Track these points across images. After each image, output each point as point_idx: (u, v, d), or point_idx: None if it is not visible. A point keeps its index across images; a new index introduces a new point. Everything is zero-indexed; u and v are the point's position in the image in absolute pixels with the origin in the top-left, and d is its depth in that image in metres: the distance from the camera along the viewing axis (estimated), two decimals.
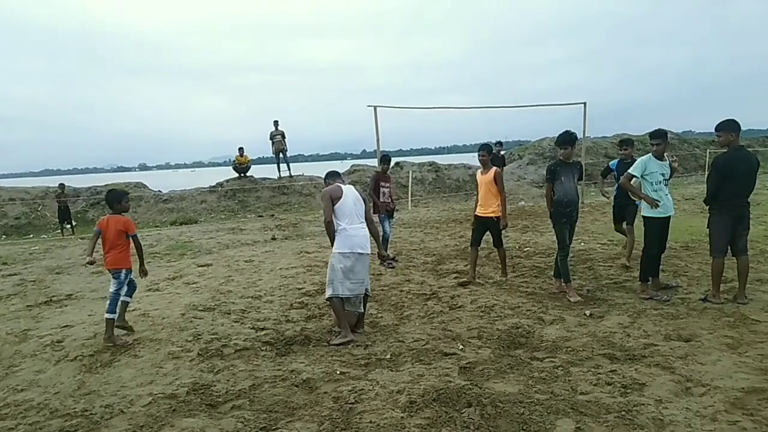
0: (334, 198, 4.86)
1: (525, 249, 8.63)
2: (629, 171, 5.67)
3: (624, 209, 6.96)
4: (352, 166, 21.26)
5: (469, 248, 6.83)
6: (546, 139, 22.96)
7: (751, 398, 3.30)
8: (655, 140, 5.62)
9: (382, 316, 5.55)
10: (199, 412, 3.55)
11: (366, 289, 5.03)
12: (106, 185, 17.76)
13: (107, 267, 5.07)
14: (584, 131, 14.56)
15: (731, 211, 5.16)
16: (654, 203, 5.48)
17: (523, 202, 15.80)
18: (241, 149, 18.56)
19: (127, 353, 4.71)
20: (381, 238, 8.04)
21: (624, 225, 7.09)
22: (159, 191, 18.62)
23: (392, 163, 13.07)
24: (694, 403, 3.30)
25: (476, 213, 6.68)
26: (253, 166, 19.28)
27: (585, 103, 13.93)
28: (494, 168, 6.52)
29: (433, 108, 19.54)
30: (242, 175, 18.60)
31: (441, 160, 23.48)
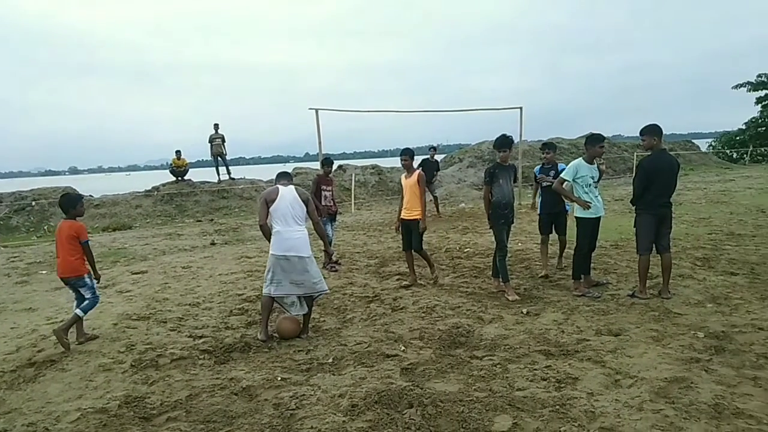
0: (269, 200, 4.89)
1: (465, 250, 8.80)
2: (562, 176, 5.89)
3: (554, 218, 6.76)
4: (294, 168, 21.02)
5: (404, 252, 6.86)
6: (485, 143, 23.51)
7: (673, 387, 3.50)
8: (598, 144, 5.85)
9: (324, 320, 5.52)
10: (132, 426, 3.41)
11: (319, 291, 5.01)
12: (31, 190, 16.79)
13: (62, 275, 4.92)
14: (521, 135, 15.01)
15: (655, 211, 5.47)
16: (586, 205, 5.72)
17: (463, 204, 16.12)
18: (178, 152, 17.99)
19: (54, 367, 4.46)
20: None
21: (557, 236, 6.90)
22: (90, 196, 17.76)
23: (335, 166, 13.03)
24: (622, 394, 3.47)
25: (402, 217, 6.69)
26: (191, 170, 18.71)
27: (521, 108, 14.37)
28: (417, 171, 6.59)
29: (374, 111, 19.64)
30: (180, 178, 18.03)
31: (384, 162, 23.61)
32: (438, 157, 14.60)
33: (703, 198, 13.99)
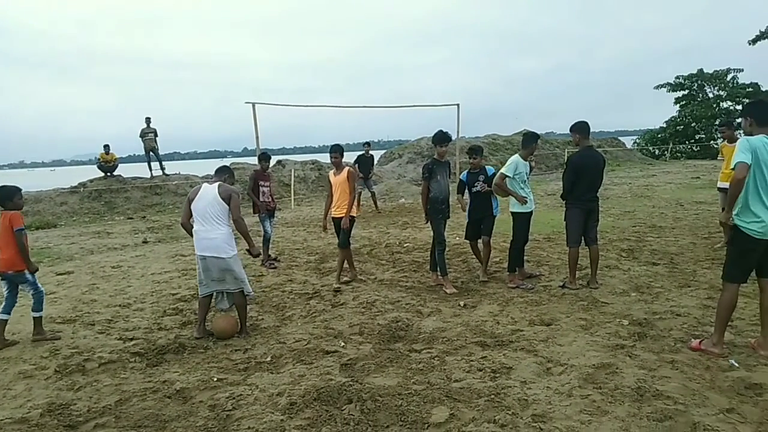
0: (191, 199, 4.85)
1: (405, 245, 8.89)
2: (503, 171, 6.00)
3: (481, 222, 6.36)
4: (231, 164, 20.49)
5: (339, 250, 6.67)
6: (424, 139, 23.79)
7: (600, 373, 3.68)
8: (533, 142, 6.12)
9: (263, 318, 5.43)
10: None
11: (245, 292, 4.93)
12: None
13: (1, 270, 4.70)
14: (458, 131, 15.33)
15: (583, 205, 5.72)
16: (524, 200, 5.91)
17: (403, 200, 16.25)
18: (106, 146, 17.13)
19: None
20: (263, 239, 7.89)
21: (480, 240, 6.53)
22: None
23: (273, 161, 12.81)
24: (553, 381, 3.61)
25: (334, 215, 6.62)
26: (122, 165, 17.87)
27: (458, 105, 14.67)
28: (347, 168, 6.53)
29: (313, 106, 19.50)
30: (108, 174, 17.18)
31: (324, 158, 23.42)
32: (374, 153, 14.63)
33: (628, 192, 14.74)
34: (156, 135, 16.82)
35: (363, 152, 13.35)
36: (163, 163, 17.96)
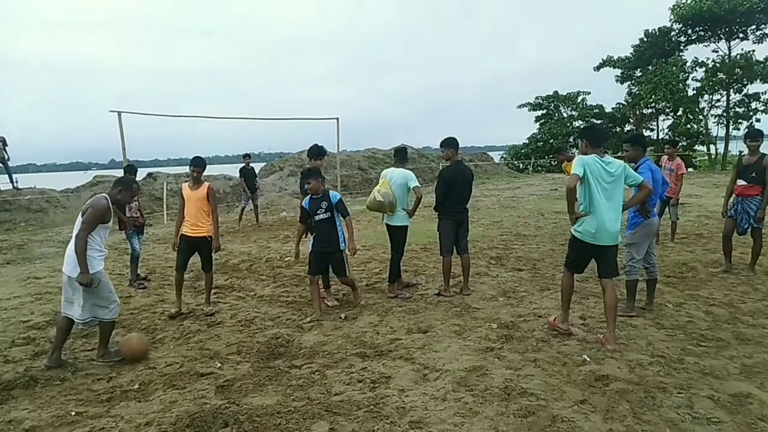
0: None
1: (286, 259, 8.76)
2: (417, 185, 6.10)
3: (327, 257, 5.72)
4: (95, 177, 18.91)
5: (175, 273, 6.01)
6: (305, 152, 23.74)
7: (472, 376, 3.89)
8: (404, 155, 6.39)
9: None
10: None
11: (97, 318, 4.49)
12: None
13: None
14: (338, 145, 15.47)
15: (454, 216, 6.04)
16: (413, 213, 6.15)
17: (284, 213, 16.02)
18: None
19: None
20: (131, 257, 7.35)
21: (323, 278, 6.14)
22: None
23: (143, 174, 12.02)
24: (429, 387, 3.75)
25: (183, 233, 5.92)
26: None
27: (338, 119, 14.82)
28: (206, 183, 6.02)
29: (188, 116, 18.53)
30: None
31: None
32: (254, 166, 14.29)
33: (496, 203, 15.80)
34: (5, 144, 15.06)
35: (244, 165, 13.00)
36: (14, 176, 16.10)
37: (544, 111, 37.17)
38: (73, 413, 3.56)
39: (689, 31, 28.79)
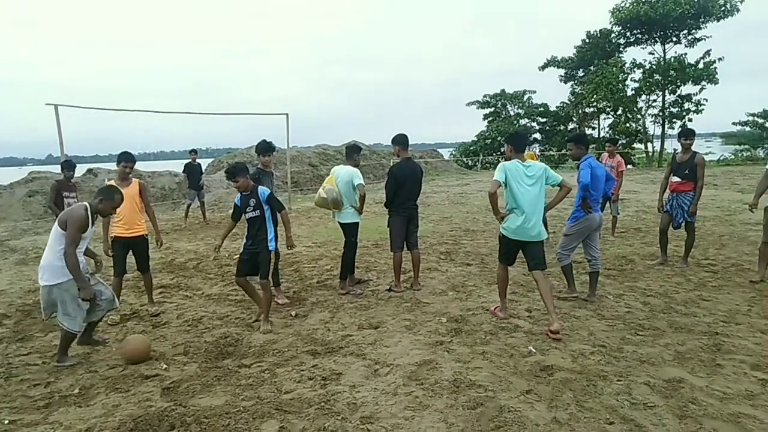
0: None
1: (234, 257, 8.58)
2: (360, 181, 6.01)
3: (254, 257, 5.25)
4: (30, 173, 17.93)
5: (114, 279, 5.72)
6: (254, 147, 23.33)
7: (422, 370, 3.94)
8: (356, 153, 6.31)
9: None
10: None
11: (61, 323, 4.33)
12: None
13: None
14: (288, 141, 15.24)
15: (404, 213, 6.09)
16: (361, 210, 6.11)
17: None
18: None
19: None
20: None
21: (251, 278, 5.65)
22: None
23: (83, 170, 11.50)
24: (380, 382, 3.77)
25: (118, 234, 5.70)
26: None
27: (287, 114, 14.58)
28: (137, 180, 5.89)
29: (131, 110, 17.70)
30: None
31: (145, 167, 21.67)
32: (201, 162, 13.92)
33: (446, 200, 16.02)
34: None
35: (189, 160, 12.64)
36: None
37: (492, 109, 37.91)
38: (6, 421, 3.38)
39: (628, 34, 30.00)
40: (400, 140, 6.12)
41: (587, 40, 31.77)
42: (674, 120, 29.22)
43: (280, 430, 3.13)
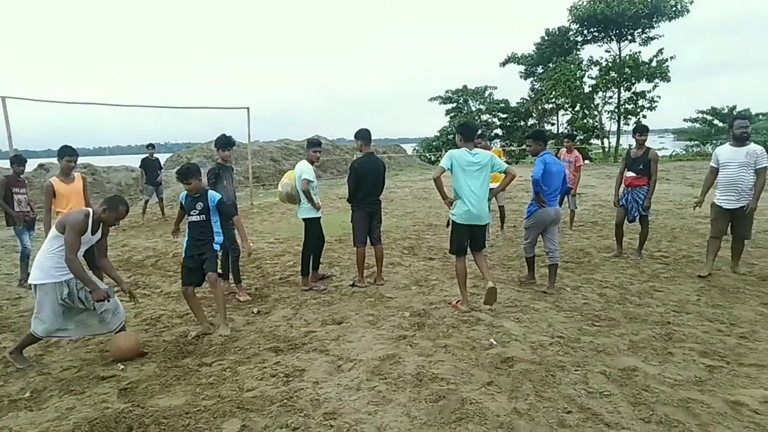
0: None
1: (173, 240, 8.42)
2: (307, 177, 5.93)
3: (200, 263, 4.94)
4: None
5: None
6: (213, 142, 22.89)
7: (386, 364, 3.96)
8: (313, 148, 6.21)
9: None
10: None
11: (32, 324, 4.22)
12: None
13: None
14: (249, 135, 15.01)
15: (367, 208, 6.09)
16: (319, 206, 6.07)
17: None
18: None
19: None
20: (20, 254, 6.78)
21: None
22: None
23: (34, 165, 11.06)
24: (344, 378, 3.77)
25: None
26: None
27: (248, 108, 14.35)
28: (80, 175, 5.80)
29: (84, 103, 17.14)
30: None
31: (100, 162, 20.98)
32: (159, 156, 13.55)
33: (409, 195, 16.08)
34: None
35: (147, 155, 12.30)
36: None
37: (454, 104, 38.24)
38: None
39: (585, 32, 30.68)
40: (363, 135, 6.11)
41: (546, 38, 32.34)
42: (629, 116, 30.07)
43: (242, 429, 3.10)
